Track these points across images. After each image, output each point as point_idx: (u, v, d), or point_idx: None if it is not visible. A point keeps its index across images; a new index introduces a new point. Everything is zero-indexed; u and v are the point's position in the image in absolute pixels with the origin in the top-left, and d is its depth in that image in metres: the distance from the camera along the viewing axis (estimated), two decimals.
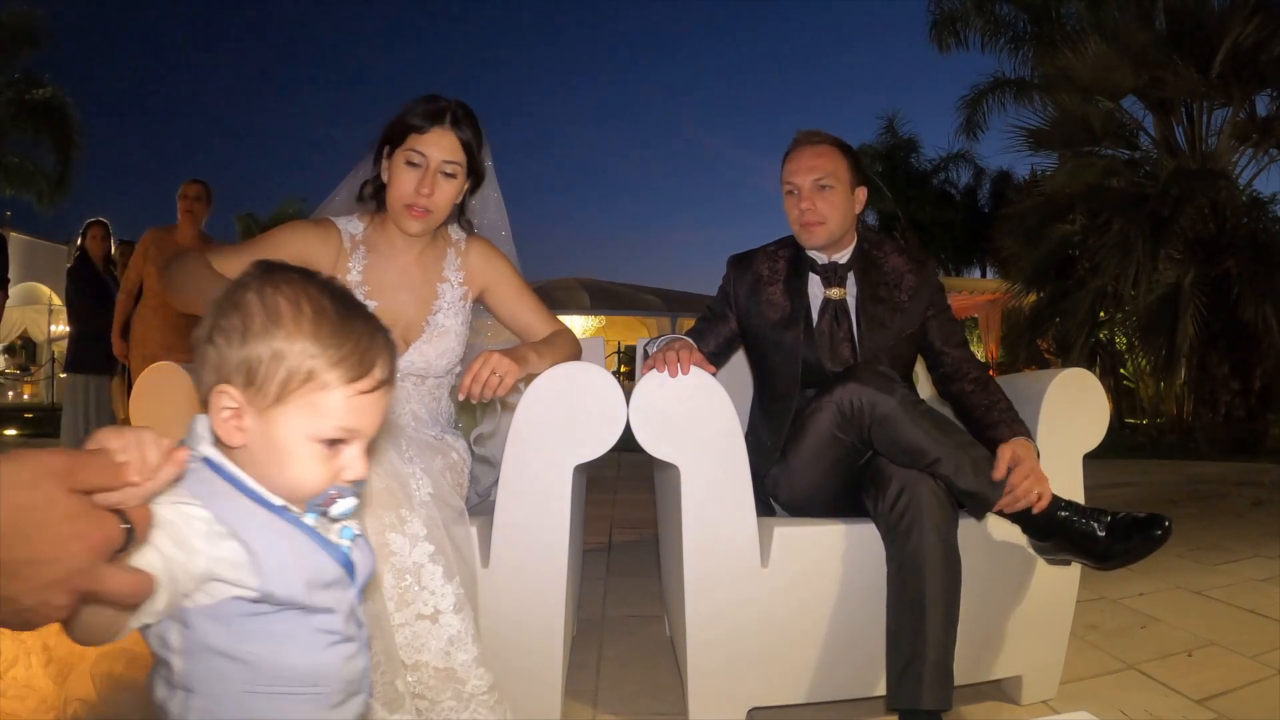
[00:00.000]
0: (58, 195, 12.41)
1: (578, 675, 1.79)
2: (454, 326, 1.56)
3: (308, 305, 0.69)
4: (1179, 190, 6.87)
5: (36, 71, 11.82)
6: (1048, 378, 1.64)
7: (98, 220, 4.22)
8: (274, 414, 0.68)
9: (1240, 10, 6.95)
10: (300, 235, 1.48)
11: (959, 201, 14.77)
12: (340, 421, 0.69)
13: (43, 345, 15.39)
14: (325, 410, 0.68)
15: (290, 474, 0.69)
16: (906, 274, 1.76)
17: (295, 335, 0.67)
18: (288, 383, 0.67)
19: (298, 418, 0.68)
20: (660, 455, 1.49)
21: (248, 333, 0.67)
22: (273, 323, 0.67)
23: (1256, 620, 2.18)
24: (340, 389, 0.69)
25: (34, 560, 0.51)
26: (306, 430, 0.68)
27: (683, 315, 16.29)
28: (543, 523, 1.44)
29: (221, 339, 0.68)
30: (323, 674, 0.72)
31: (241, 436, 0.68)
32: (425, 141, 1.44)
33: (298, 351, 0.67)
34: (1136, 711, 1.62)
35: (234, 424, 0.68)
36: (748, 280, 1.81)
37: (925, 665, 1.37)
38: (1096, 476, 2.02)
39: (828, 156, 1.72)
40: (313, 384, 0.68)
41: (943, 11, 9.77)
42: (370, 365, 0.70)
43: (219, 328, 0.68)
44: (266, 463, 0.69)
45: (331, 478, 0.70)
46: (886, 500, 1.45)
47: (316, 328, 0.68)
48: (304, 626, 0.71)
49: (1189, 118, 7.76)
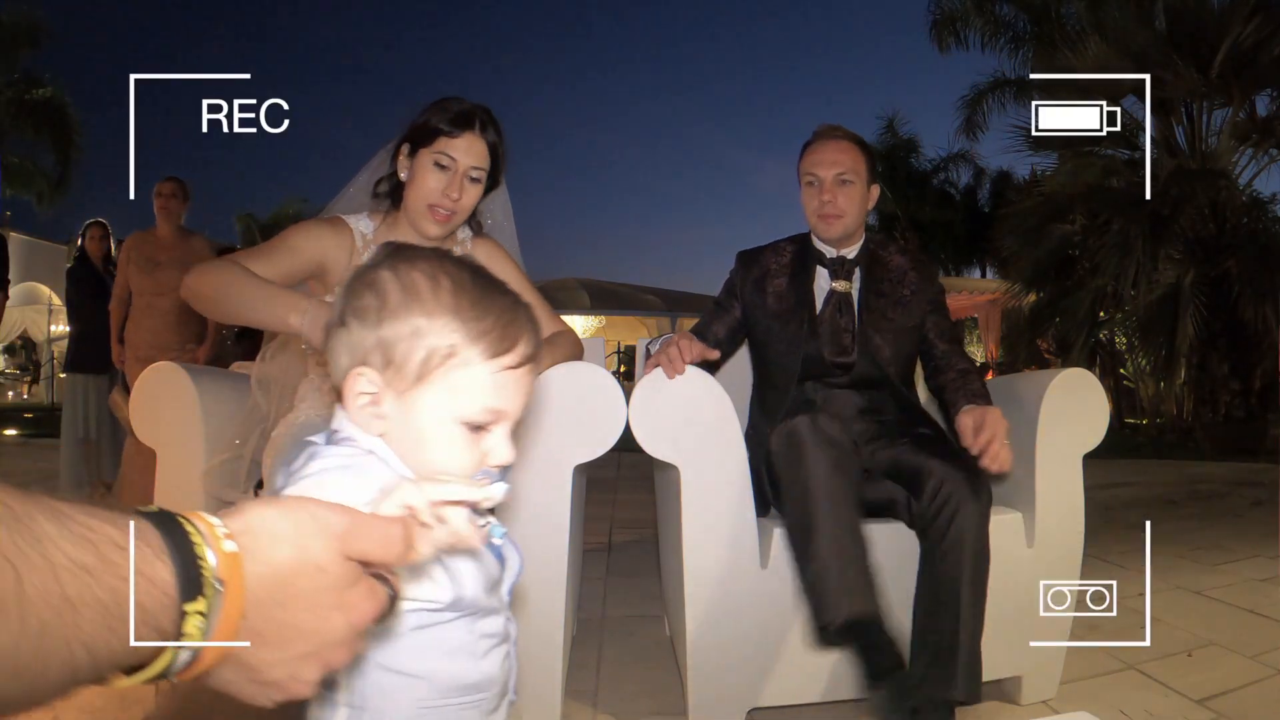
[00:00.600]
0: (58, 195, 12.41)
1: (578, 675, 1.79)
2: None
3: (445, 279, 0.65)
4: (1179, 190, 6.88)
5: (36, 71, 11.83)
6: (1048, 378, 1.64)
7: (97, 220, 4.21)
8: (415, 396, 0.64)
9: (1240, 10, 6.96)
10: (316, 236, 1.47)
11: (959, 201, 14.76)
12: (484, 401, 0.64)
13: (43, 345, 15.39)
14: (468, 389, 0.64)
15: (433, 460, 0.64)
16: (909, 271, 1.79)
17: (435, 310, 0.63)
18: (428, 360, 0.63)
19: (440, 398, 0.64)
20: (660, 455, 1.49)
21: (384, 310, 0.63)
22: (410, 298, 0.63)
23: (1256, 620, 2.18)
24: (483, 365, 0.64)
25: (293, 628, 0.43)
26: (450, 412, 0.64)
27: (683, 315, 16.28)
28: (543, 523, 1.44)
29: (355, 320, 0.64)
30: (487, 680, 0.71)
31: (380, 424, 0.65)
32: (456, 146, 1.44)
33: (438, 327, 0.63)
34: (1136, 711, 1.62)
35: (371, 410, 0.64)
36: (754, 274, 1.83)
37: (958, 656, 1.37)
38: (1096, 476, 2.02)
39: (850, 152, 1.75)
40: (454, 360, 0.63)
41: (943, 11, 9.77)
42: (514, 340, 0.65)
43: (351, 309, 0.65)
44: (407, 450, 0.65)
45: (477, 464, 0.65)
46: (925, 494, 1.44)
47: (456, 301, 0.64)
48: (472, 633, 0.69)
49: (1189, 118, 7.76)
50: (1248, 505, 4.06)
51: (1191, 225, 7.05)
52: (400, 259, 0.66)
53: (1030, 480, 1.62)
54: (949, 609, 1.39)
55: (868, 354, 1.72)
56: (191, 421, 1.58)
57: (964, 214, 14.54)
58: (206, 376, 1.67)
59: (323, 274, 1.47)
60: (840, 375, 1.73)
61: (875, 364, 1.71)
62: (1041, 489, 1.61)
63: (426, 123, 1.45)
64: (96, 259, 4.15)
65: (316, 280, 1.48)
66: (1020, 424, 1.64)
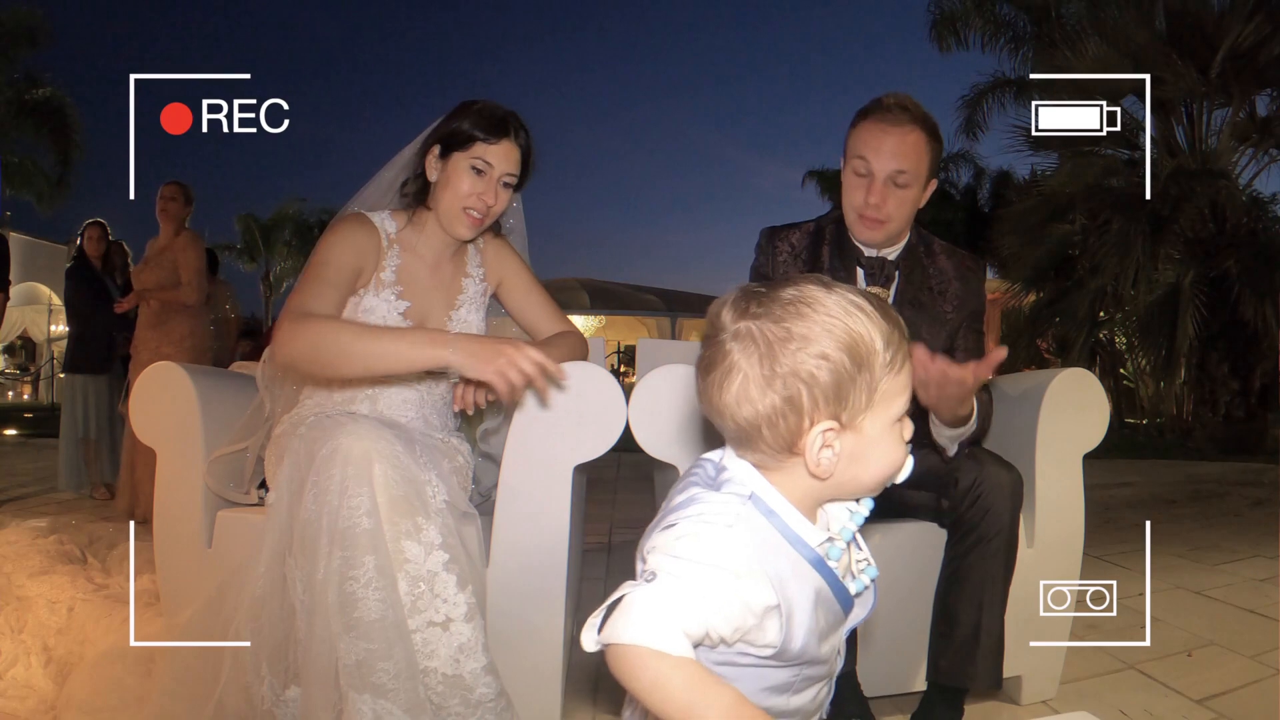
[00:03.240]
0: (58, 195, 12.40)
1: (578, 675, 1.79)
2: (475, 322, 1.58)
3: (847, 304, 0.69)
4: (1179, 190, 6.88)
5: (36, 71, 11.83)
6: (1048, 378, 1.64)
7: (96, 220, 4.21)
8: (864, 418, 0.70)
9: (1240, 10, 6.96)
10: (352, 245, 1.46)
11: (959, 201, 14.75)
12: (907, 394, 0.72)
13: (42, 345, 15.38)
14: (898, 390, 0.71)
15: (884, 465, 0.72)
16: (953, 281, 1.57)
17: (870, 333, 0.69)
18: (874, 380, 0.69)
19: (883, 410, 0.70)
20: (660, 455, 1.49)
21: (825, 358, 0.67)
22: (842, 336, 0.68)
23: (1256, 620, 2.18)
24: (907, 365, 0.71)
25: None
26: (890, 416, 0.71)
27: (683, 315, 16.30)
28: (543, 523, 1.44)
29: (798, 383, 0.68)
30: (798, 710, 0.74)
31: (835, 462, 0.70)
32: (493, 152, 1.45)
33: (876, 349, 0.69)
34: (1136, 711, 1.62)
35: (829, 454, 0.69)
36: (784, 254, 1.59)
37: (980, 645, 1.37)
38: (1096, 476, 2.02)
39: (917, 147, 1.46)
40: (890, 371, 0.70)
41: (943, 11, 9.75)
42: (905, 338, 0.72)
43: (779, 376, 0.68)
44: (856, 470, 0.71)
45: (905, 448, 0.73)
46: (959, 490, 1.41)
47: (871, 319, 0.69)
48: (797, 676, 0.73)
49: (1189, 118, 7.77)
50: (1248, 505, 4.06)
51: (1191, 225, 7.05)
52: (788, 305, 0.70)
53: (1030, 480, 1.62)
54: (974, 599, 1.38)
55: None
56: (191, 421, 1.58)
57: (964, 214, 14.52)
58: (206, 376, 1.67)
59: (357, 277, 1.47)
60: None
61: None
62: (1041, 489, 1.61)
63: (461, 127, 1.45)
64: (95, 259, 4.15)
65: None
66: (1020, 424, 1.64)
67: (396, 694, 1.17)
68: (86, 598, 1.95)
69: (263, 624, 1.28)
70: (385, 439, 1.28)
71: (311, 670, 1.19)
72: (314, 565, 1.22)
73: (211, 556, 1.54)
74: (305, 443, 1.32)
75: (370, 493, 1.22)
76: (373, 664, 1.16)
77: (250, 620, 1.29)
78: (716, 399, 0.71)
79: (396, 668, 1.17)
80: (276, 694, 1.27)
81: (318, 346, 1.29)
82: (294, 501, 1.28)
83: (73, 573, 2.16)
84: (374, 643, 1.17)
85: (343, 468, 1.23)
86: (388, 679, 1.17)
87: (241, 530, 1.51)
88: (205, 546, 1.56)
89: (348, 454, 1.23)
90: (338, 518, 1.20)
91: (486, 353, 1.25)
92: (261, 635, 1.28)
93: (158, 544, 1.59)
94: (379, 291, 1.48)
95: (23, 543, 2.40)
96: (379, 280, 1.48)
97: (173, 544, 1.58)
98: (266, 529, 1.33)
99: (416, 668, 1.20)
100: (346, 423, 1.29)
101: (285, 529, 1.29)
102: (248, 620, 1.29)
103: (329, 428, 1.30)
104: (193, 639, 1.36)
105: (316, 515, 1.22)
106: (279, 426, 1.52)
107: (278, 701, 1.27)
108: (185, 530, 1.56)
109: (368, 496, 1.22)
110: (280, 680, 1.27)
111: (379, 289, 1.48)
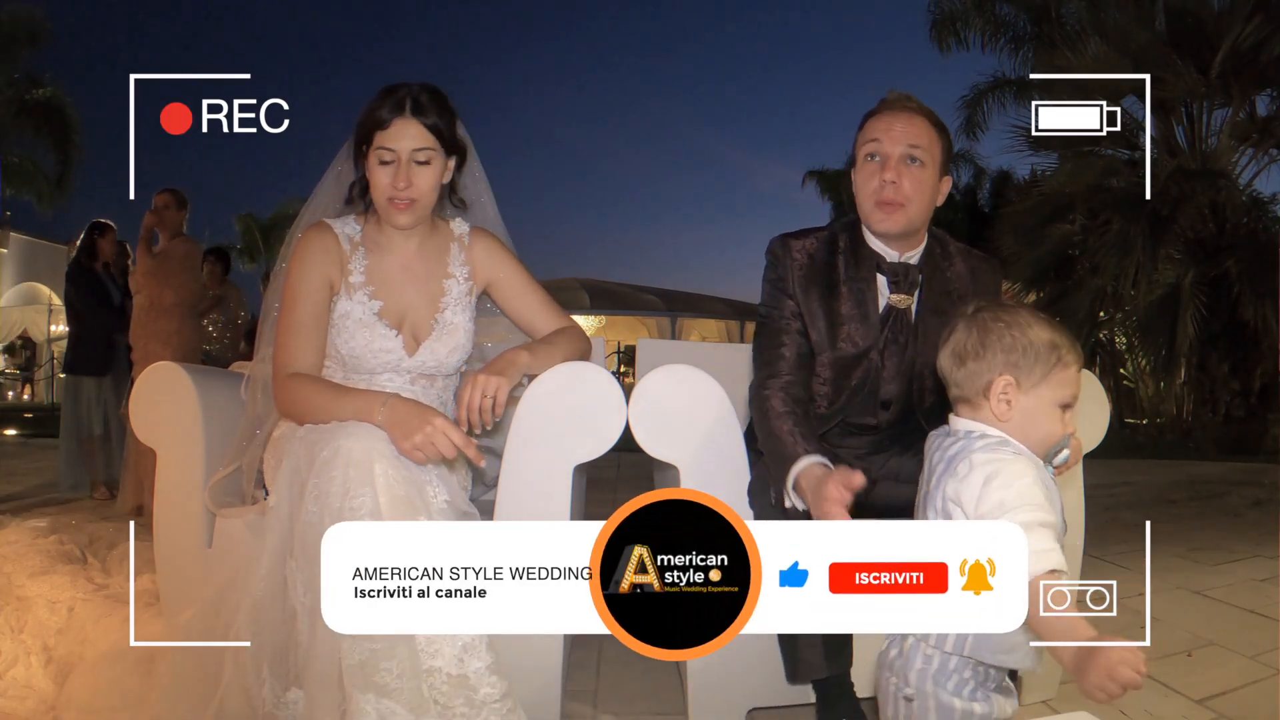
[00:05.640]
0: (58, 195, 12.40)
1: (578, 675, 1.79)
2: (462, 323, 1.56)
3: (1028, 315, 1.05)
4: (1179, 190, 6.89)
5: (36, 71, 11.83)
6: None
7: (107, 223, 4.21)
8: (1036, 390, 1.03)
9: (1240, 10, 6.97)
10: (313, 261, 1.47)
11: (959, 201, 14.75)
12: (1074, 389, 1.05)
13: (42, 345, 15.38)
14: (1067, 382, 1.04)
15: (1044, 431, 1.04)
16: (970, 285, 1.51)
17: (1046, 334, 1.03)
18: (1049, 366, 1.03)
19: (1051, 390, 1.03)
20: (660, 455, 1.49)
21: (1013, 347, 1.03)
22: (1028, 334, 1.03)
23: (1256, 620, 2.18)
24: (1076, 365, 1.04)
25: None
26: (1056, 398, 1.04)
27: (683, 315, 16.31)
28: None
29: (1000, 351, 1.03)
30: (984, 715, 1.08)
31: (1009, 412, 1.03)
32: (390, 136, 1.43)
33: (1052, 345, 1.03)
34: (1136, 712, 1.62)
35: (1005, 403, 1.03)
36: (801, 262, 1.50)
37: None
38: (1096, 476, 2.02)
39: (927, 130, 1.43)
40: (1060, 364, 1.03)
41: (943, 11, 9.75)
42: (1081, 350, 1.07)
43: (991, 346, 1.04)
44: (1025, 428, 1.04)
45: (1064, 430, 1.05)
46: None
47: (1046, 326, 1.04)
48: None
49: (1189, 118, 7.77)
50: (1248, 505, 4.05)
51: (1191, 225, 7.06)
52: (989, 316, 1.06)
53: None
54: None
55: (916, 392, 1.47)
56: (191, 422, 1.58)
57: (964, 214, 14.53)
58: (206, 376, 1.67)
59: (330, 288, 1.49)
60: (876, 418, 1.51)
61: (919, 396, 1.48)
62: None
63: (361, 122, 1.45)
64: (110, 259, 4.16)
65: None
66: None
67: (400, 694, 1.16)
68: (86, 598, 1.95)
69: (263, 626, 1.28)
70: (386, 440, 1.28)
71: (314, 672, 1.19)
72: (316, 567, 1.21)
73: (212, 557, 1.54)
74: (305, 445, 1.32)
75: (372, 493, 1.22)
76: (376, 664, 1.16)
77: (251, 623, 1.29)
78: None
79: (400, 668, 1.17)
80: (277, 696, 1.27)
81: (295, 402, 1.41)
82: (295, 504, 1.28)
83: (73, 573, 2.16)
84: (377, 643, 1.17)
85: (344, 469, 1.23)
86: (391, 679, 1.17)
87: (241, 531, 1.52)
88: (205, 547, 1.56)
89: (349, 455, 1.23)
90: (340, 519, 1.20)
91: (412, 423, 1.28)
92: (262, 638, 1.28)
93: (158, 544, 1.60)
94: (351, 295, 1.49)
95: (23, 543, 2.40)
96: (349, 285, 1.49)
97: (173, 544, 1.58)
98: (267, 532, 1.33)
99: (420, 668, 1.19)
100: (347, 424, 1.30)
101: (286, 531, 1.29)
102: (248, 623, 1.29)
103: (329, 429, 1.30)
104: (193, 640, 1.36)
105: (318, 517, 1.22)
106: (278, 429, 1.52)
107: (279, 704, 1.27)
108: (185, 530, 1.56)
109: (370, 497, 1.22)
110: (281, 683, 1.27)
111: (350, 293, 1.49)
